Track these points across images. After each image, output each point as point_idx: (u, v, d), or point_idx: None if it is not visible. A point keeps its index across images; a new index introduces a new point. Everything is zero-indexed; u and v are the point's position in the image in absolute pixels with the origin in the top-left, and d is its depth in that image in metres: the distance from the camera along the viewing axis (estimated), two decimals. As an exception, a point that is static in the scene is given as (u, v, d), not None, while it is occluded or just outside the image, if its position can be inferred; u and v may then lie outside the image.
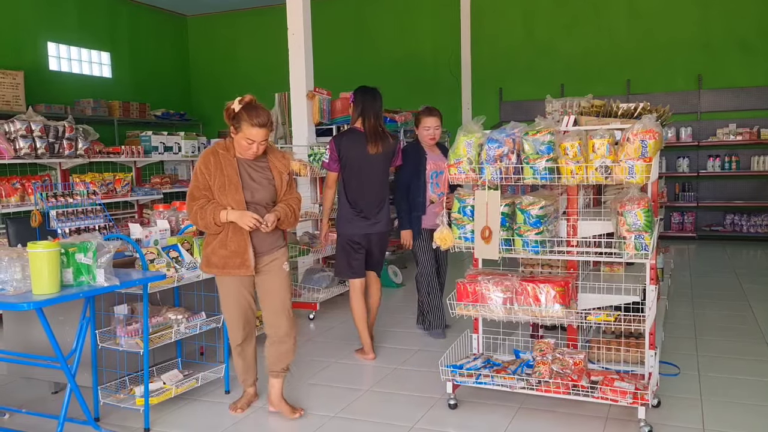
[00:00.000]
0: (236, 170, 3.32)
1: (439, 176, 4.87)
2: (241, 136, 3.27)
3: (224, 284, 3.42)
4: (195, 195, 3.31)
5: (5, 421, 3.56)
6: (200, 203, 3.29)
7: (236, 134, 3.29)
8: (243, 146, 3.29)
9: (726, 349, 4.55)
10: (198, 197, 3.31)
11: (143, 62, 11.79)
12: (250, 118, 3.22)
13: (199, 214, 3.29)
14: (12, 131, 5.73)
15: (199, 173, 3.32)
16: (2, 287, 2.81)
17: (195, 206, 3.30)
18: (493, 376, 3.49)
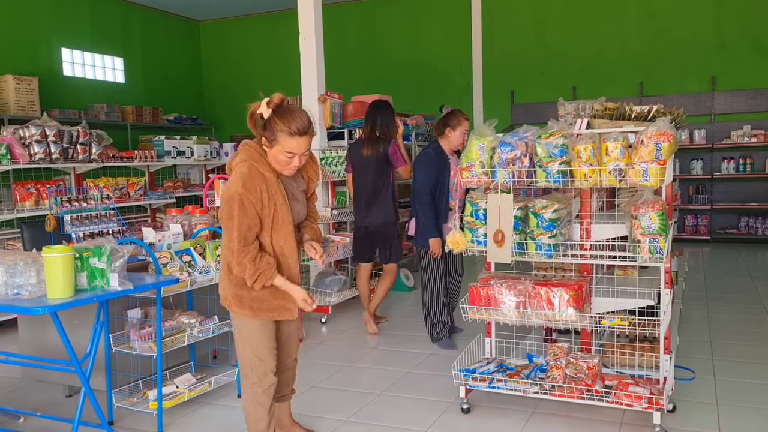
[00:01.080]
0: (285, 195, 2.72)
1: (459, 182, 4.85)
2: (278, 150, 2.62)
3: (258, 324, 2.85)
4: (248, 239, 2.63)
5: (20, 424, 3.58)
6: (252, 254, 2.63)
7: (271, 147, 2.65)
8: (281, 161, 2.65)
9: (742, 353, 4.50)
10: (250, 241, 2.64)
11: (156, 67, 11.87)
12: (288, 126, 2.58)
13: (250, 269, 2.63)
14: (27, 136, 5.79)
15: (248, 205, 2.60)
16: (17, 291, 2.84)
17: (247, 257, 2.63)
18: (506, 381, 3.47)
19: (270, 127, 2.61)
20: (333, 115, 6.34)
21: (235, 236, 2.60)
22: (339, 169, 6.01)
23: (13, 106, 8.36)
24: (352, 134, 6.47)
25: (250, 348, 2.85)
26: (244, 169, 2.63)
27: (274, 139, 2.61)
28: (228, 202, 2.61)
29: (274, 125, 2.60)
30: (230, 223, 2.61)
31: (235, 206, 2.59)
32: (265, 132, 2.63)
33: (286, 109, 2.63)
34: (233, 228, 2.60)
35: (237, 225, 2.59)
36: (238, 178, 2.61)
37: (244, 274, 2.67)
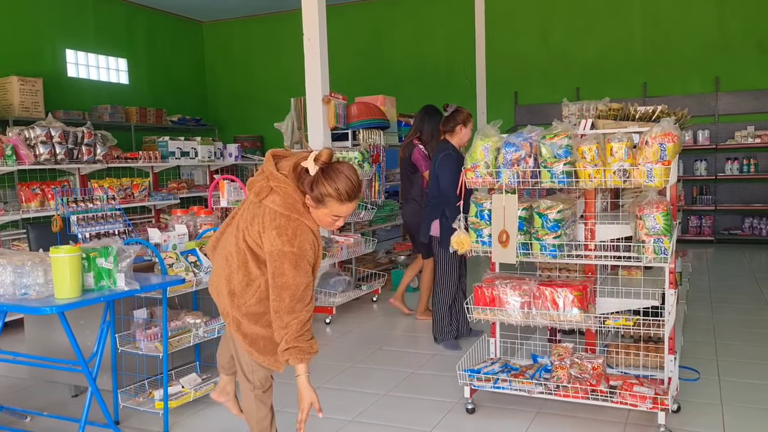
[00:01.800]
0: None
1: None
2: (325, 213, 2.43)
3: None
4: (307, 296, 2.42)
5: (27, 423, 3.60)
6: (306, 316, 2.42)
7: (317, 209, 2.43)
8: (325, 222, 2.49)
9: (746, 353, 4.49)
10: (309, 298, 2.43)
11: (159, 68, 11.90)
12: (338, 192, 2.37)
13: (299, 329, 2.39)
14: (32, 137, 5.82)
15: (308, 257, 2.41)
16: (25, 291, 2.85)
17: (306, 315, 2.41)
18: (511, 381, 3.47)
19: (317, 188, 2.38)
20: (337, 116, 6.34)
21: (289, 295, 2.38)
22: (343, 170, 6.01)
23: (18, 107, 8.40)
24: (357, 135, 6.48)
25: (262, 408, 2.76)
26: (294, 224, 2.40)
27: (321, 202, 2.40)
28: (279, 259, 2.38)
29: (321, 187, 2.37)
30: (282, 280, 2.38)
31: (286, 264, 2.37)
32: (312, 192, 2.39)
33: (336, 170, 2.39)
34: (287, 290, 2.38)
35: (292, 284, 2.37)
36: (291, 231, 2.38)
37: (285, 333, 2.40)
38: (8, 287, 2.89)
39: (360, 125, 6.47)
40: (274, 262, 2.39)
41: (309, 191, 2.40)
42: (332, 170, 2.38)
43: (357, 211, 6.34)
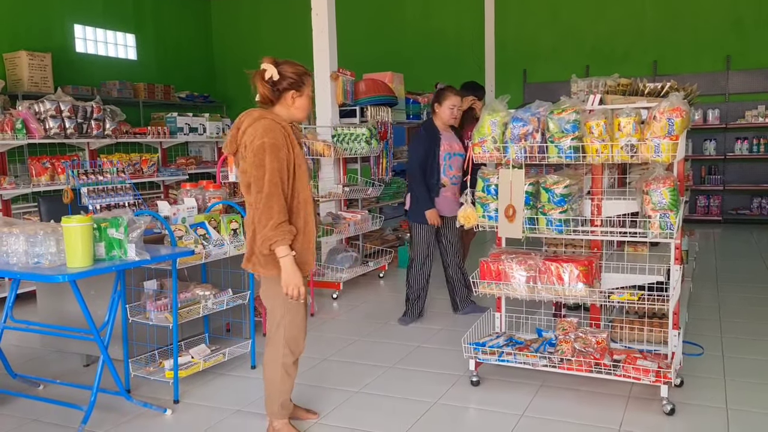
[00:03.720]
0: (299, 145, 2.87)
1: (452, 158, 4.80)
2: (307, 93, 2.88)
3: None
4: (278, 183, 2.69)
5: (40, 391, 3.68)
6: (281, 204, 2.70)
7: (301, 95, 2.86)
8: (306, 106, 2.90)
9: (751, 330, 4.52)
10: (280, 186, 2.70)
11: (167, 44, 11.87)
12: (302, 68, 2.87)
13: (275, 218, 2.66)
14: (42, 111, 5.84)
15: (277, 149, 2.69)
16: (38, 260, 2.90)
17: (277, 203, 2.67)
18: (516, 354, 3.51)
19: (286, 78, 2.77)
20: (345, 93, 6.33)
21: (266, 179, 2.64)
22: (351, 147, 6.03)
23: (27, 82, 8.42)
24: (364, 111, 6.47)
25: (289, 313, 2.88)
26: (264, 123, 2.73)
27: (300, 86, 2.80)
28: (257, 154, 2.67)
29: (288, 75, 2.78)
30: (259, 172, 2.66)
31: (265, 154, 2.66)
32: (288, 87, 2.79)
33: (285, 61, 2.83)
34: (264, 176, 2.65)
35: (268, 169, 2.65)
36: (261, 129, 2.70)
37: (264, 223, 2.66)
38: (21, 256, 2.94)
39: (368, 102, 6.46)
40: (254, 158, 2.68)
41: (283, 91, 2.79)
42: (284, 61, 2.82)
43: (364, 187, 6.36)
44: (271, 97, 2.82)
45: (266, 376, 2.99)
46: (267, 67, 2.79)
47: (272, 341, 2.93)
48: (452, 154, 4.80)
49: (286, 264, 2.71)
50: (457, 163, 4.80)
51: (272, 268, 2.79)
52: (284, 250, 2.71)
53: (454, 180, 4.82)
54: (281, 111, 2.84)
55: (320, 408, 3.38)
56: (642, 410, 3.25)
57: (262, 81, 2.81)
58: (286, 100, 2.82)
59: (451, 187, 4.82)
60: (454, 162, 4.79)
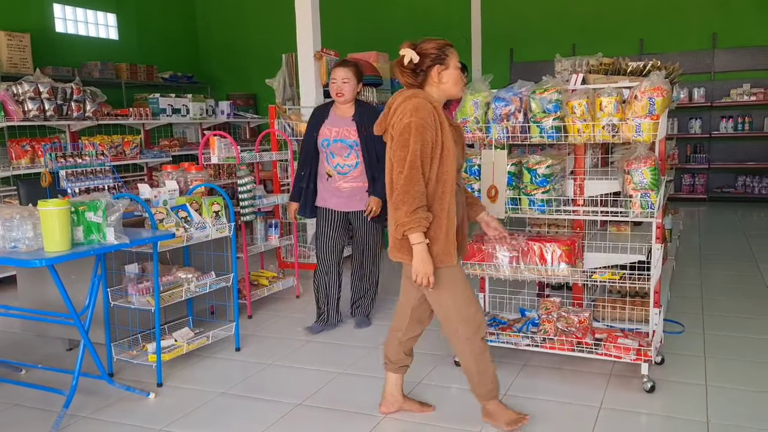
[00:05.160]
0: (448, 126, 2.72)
1: (335, 144, 4.11)
2: (454, 66, 2.73)
3: (458, 270, 2.78)
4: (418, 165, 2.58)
5: (22, 376, 3.66)
6: (420, 187, 2.59)
7: (447, 69, 2.71)
8: (458, 78, 2.76)
9: (732, 308, 4.57)
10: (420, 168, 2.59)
11: (150, 24, 11.69)
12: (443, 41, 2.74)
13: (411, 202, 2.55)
14: (20, 93, 5.75)
15: (424, 129, 2.57)
16: (15, 245, 2.86)
17: (416, 186, 2.56)
18: (499, 334, 3.53)
19: (427, 56, 2.66)
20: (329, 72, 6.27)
21: (408, 160, 2.54)
22: (335, 127, 5.98)
23: (5, 62, 8.27)
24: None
25: (458, 298, 2.75)
26: (415, 102, 2.61)
27: (444, 60, 2.68)
28: (402, 134, 2.57)
29: (428, 52, 2.66)
30: (403, 153, 2.57)
31: (410, 134, 2.56)
32: (431, 64, 2.66)
33: (422, 39, 2.72)
34: (406, 157, 2.55)
35: (411, 150, 2.55)
36: (410, 108, 2.59)
37: (399, 207, 2.56)
38: (-2, 241, 2.90)
39: (352, 82, 6.39)
40: (399, 138, 2.60)
41: (429, 69, 2.66)
42: (421, 41, 2.70)
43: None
44: (415, 83, 2.69)
45: (463, 366, 2.89)
46: (405, 52, 2.66)
47: (450, 331, 2.82)
48: (335, 140, 4.10)
49: (418, 251, 2.60)
50: (343, 151, 4.11)
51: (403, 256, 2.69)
52: (418, 237, 2.58)
53: (342, 170, 4.14)
54: (432, 92, 2.70)
55: (304, 389, 3.39)
56: (623, 388, 3.29)
57: (402, 69, 2.68)
58: (433, 78, 2.68)
59: (344, 178, 4.15)
60: (336, 149, 4.11)
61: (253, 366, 3.74)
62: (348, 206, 4.19)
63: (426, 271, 2.62)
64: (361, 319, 4.44)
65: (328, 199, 4.21)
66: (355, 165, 4.11)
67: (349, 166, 4.13)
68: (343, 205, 4.19)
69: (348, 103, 4.15)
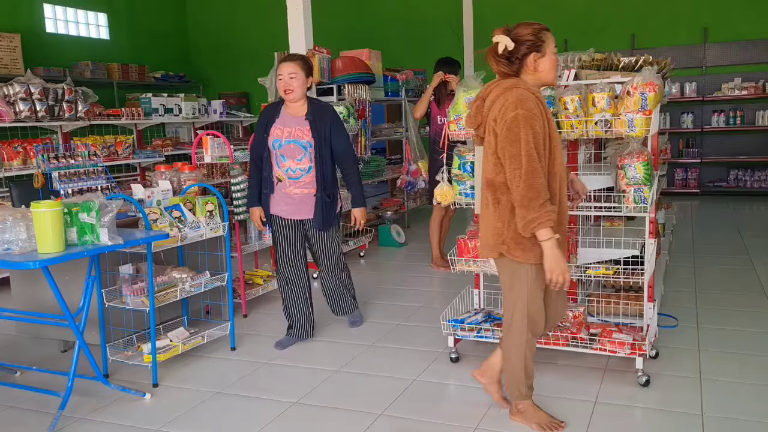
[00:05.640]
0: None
1: (287, 146, 3.75)
2: (551, 52, 2.62)
3: (539, 270, 2.63)
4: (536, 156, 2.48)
5: (17, 378, 3.64)
6: (542, 180, 2.48)
7: (543, 56, 2.58)
8: (555, 62, 2.65)
9: (725, 302, 4.59)
10: (538, 160, 2.49)
11: (141, 23, 11.65)
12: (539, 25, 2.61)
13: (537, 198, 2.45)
14: (11, 94, 5.72)
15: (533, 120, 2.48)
16: (8, 247, 2.85)
17: (537, 180, 2.45)
18: (494, 330, 3.54)
19: (523, 42, 2.54)
20: (321, 71, 6.27)
21: (524, 154, 2.43)
22: (328, 125, 5.98)
23: (-4, 64, 8.23)
24: (342, 90, 6.42)
25: (529, 299, 2.67)
26: (517, 92, 2.50)
27: (540, 46, 2.56)
28: (511, 128, 2.46)
29: (524, 38, 2.55)
30: (514, 148, 2.46)
31: (520, 127, 2.45)
32: (527, 51, 2.55)
33: (517, 24, 2.60)
34: (520, 152, 2.45)
35: (524, 143, 2.43)
36: (513, 100, 2.48)
37: (525, 204, 2.45)
38: (-9, 243, 2.88)
39: (345, 80, 6.40)
40: (507, 133, 2.48)
41: (525, 54, 2.54)
42: (517, 26, 2.58)
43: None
44: (509, 71, 2.58)
45: (509, 361, 2.82)
46: (499, 39, 2.54)
47: (514, 328, 2.74)
48: (286, 141, 3.75)
49: (549, 248, 2.48)
50: (296, 153, 3.75)
51: (525, 252, 2.58)
52: (547, 233, 2.47)
53: (293, 174, 3.79)
54: (528, 80, 2.59)
55: (300, 388, 3.39)
56: (618, 382, 3.30)
57: (496, 57, 2.58)
58: (528, 66, 2.56)
59: (295, 183, 3.80)
60: (288, 151, 3.76)
61: (249, 365, 3.74)
62: (299, 214, 3.86)
63: (561, 268, 2.51)
64: (354, 317, 4.36)
65: (278, 206, 3.88)
66: (308, 169, 3.76)
67: (302, 171, 3.76)
68: (294, 212, 3.85)
69: (299, 101, 3.77)
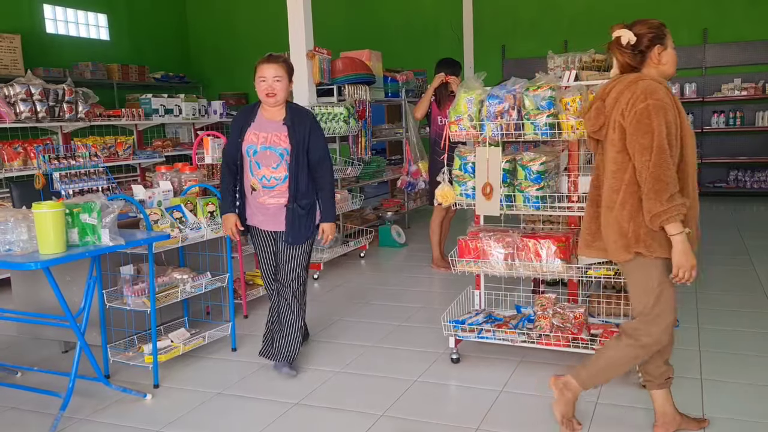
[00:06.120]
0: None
1: (262, 152, 3.43)
2: (671, 45, 2.56)
3: (667, 267, 2.56)
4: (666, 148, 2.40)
5: (18, 378, 3.64)
6: (673, 172, 2.41)
7: (665, 49, 2.55)
8: (675, 58, 2.58)
9: (726, 302, 4.59)
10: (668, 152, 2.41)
11: (141, 23, 11.65)
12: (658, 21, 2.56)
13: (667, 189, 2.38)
14: (12, 95, 5.73)
15: (665, 109, 2.42)
16: (9, 248, 2.85)
17: (668, 171, 2.38)
18: (495, 331, 3.54)
19: (645, 35, 2.51)
20: (322, 71, 6.28)
21: (655, 145, 2.36)
22: (329, 126, 5.99)
23: (-4, 64, 8.23)
24: (342, 90, 6.42)
25: (662, 298, 2.57)
26: (644, 84, 2.46)
27: (662, 38, 2.53)
28: (641, 119, 2.40)
29: (646, 32, 2.51)
30: (645, 139, 2.39)
31: (651, 117, 2.38)
32: (650, 44, 2.51)
33: (635, 21, 2.58)
34: (651, 143, 2.38)
35: (656, 134, 2.37)
36: (642, 90, 2.43)
37: (653, 196, 2.38)
38: (-8, 244, 2.88)
39: (345, 80, 6.41)
40: (637, 124, 2.42)
41: (652, 44, 2.51)
42: (636, 23, 2.56)
43: (343, 167, 6.33)
44: (633, 63, 2.55)
45: (607, 352, 2.72)
46: (621, 32, 2.54)
47: (642, 331, 2.61)
48: (262, 147, 3.43)
49: (679, 242, 2.41)
50: (272, 161, 3.43)
51: (661, 247, 2.49)
52: (677, 227, 2.41)
53: (267, 183, 3.46)
54: (651, 73, 2.55)
55: (301, 389, 3.39)
56: (618, 383, 3.30)
57: (622, 49, 2.55)
58: (652, 59, 2.54)
59: (269, 192, 3.47)
60: (264, 158, 3.43)
61: (250, 366, 3.74)
62: (273, 225, 3.53)
63: (691, 263, 2.44)
64: (282, 364, 3.58)
65: (254, 217, 3.58)
66: (284, 178, 3.44)
67: (277, 180, 3.45)
68: (269, 223, 3.54)
69: (279, 105, 3.50)
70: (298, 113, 3.53)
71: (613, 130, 2.52)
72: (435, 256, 5.84)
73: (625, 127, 2.47)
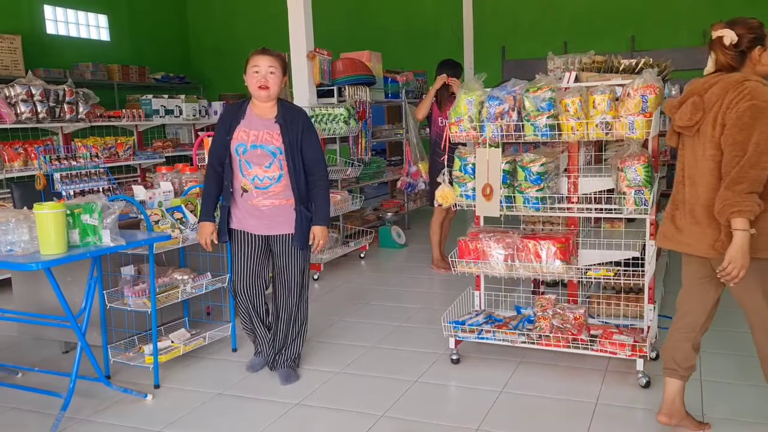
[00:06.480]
0: None
1: (253, 151, 3.25)
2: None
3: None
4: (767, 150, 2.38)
5: (18, 379, 3.65)
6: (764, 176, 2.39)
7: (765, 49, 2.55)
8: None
9: (726, 303, 4.54)
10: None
11: (141, 24, 11.67)
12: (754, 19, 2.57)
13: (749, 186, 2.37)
14: (12, 96, 5.74)
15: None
16: (10, 248, 2.86)
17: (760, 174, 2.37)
18: (495, 332, 3.55)
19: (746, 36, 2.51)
20: (322, 72, 6.28)
21: (752, 143, 2.35)
22: (329, 127, 6.00)
23: (-3, 65, 8.24)
24: (342, 91, 6.43)
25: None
26: (751, 84, 2.44)
27: (763, 39, 2.53)
28: (741, 117, 2.39)
29: (747, 32, 2.51)
30: (742, 136, 2.39)
31: (755, 117, 2.37)
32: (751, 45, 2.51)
33: (734, 20, 2.59)
34: (747, 140, 2.38)
35: (757, 133, 2.36)
36: (750, 90, 2.41)
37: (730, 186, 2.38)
38: (-7, 245, 2.89)
39: (346, 81, 6.42)
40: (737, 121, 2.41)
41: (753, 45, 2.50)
42: (735, 22, 2.56)
43: (344, 167, 6.33)
44: (734, 63, 2.54)
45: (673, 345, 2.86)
46: (723, 32, 2.53)
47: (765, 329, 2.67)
48: (253, 146, 3.25)
49: (740, 237, 2.39)
50: (264, 160, 3.26)
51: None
52: (743, 223, 2.38)
53: (260, 184, 3.29)
54: (749, 73, 2.53)
55: (301, 389, 3.40)
56: (619, 384, 3.31)
57: (723, 48, 2.53)
58: (753, 59, 2.53)
59: (263, 193, 3.30)
60: (254, 157, 3.26)
61: (250, 366, 3.74)
62: (269, 229, 3.37)
63: (744, 262, 2.41)
64: (288, 372, 3.51)
65: (244, 220, 3.37)
66: (278, 178, 3.27)
67: (270, 179, 3.27)
68: (264, 227, 3.36)
69: (271, 101, 3.31)
70: (290, 111, 3.34)
71: (713, 128, 2.50)
72: (435, 257, 5.85)
73: (725, 123, 2.46)
